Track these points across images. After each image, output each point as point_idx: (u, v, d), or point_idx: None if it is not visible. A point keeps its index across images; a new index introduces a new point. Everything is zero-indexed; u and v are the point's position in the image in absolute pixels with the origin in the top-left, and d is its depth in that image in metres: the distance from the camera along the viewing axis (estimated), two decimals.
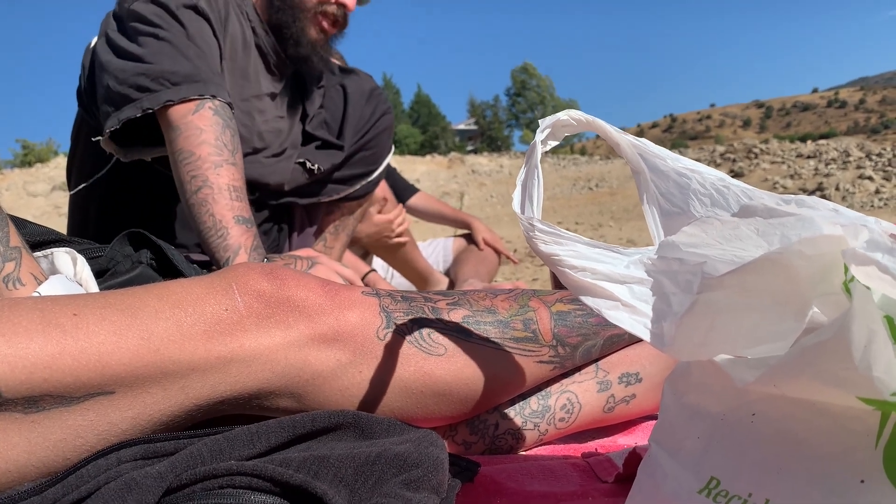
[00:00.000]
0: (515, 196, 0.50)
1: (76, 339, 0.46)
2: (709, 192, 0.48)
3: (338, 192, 1.57)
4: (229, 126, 1.12)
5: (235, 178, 1.09)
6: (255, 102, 1.34)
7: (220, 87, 1.13)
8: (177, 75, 1.09)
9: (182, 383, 0.50)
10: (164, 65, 1.10)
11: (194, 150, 1.07)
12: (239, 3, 1.31)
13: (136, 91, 1.09)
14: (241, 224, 1.06)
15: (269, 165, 1.39)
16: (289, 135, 1.45)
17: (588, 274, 0.43)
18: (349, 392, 0.57)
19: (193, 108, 1.09)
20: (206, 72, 1.13)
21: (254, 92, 1.34)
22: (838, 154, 8.78)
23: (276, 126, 1.42)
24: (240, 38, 1.30)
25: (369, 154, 1.58)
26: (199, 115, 1.09)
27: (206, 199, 1.05)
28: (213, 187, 1.06)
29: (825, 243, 0.34)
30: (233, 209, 1.06)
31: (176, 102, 1.08)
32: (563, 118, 0.53)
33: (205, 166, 1.06)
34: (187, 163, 1.07)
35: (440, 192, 11.99)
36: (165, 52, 1.11)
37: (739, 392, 0.38)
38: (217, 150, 1.08)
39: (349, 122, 1.53)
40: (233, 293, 0.54)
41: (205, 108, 1.09)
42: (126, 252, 0.76)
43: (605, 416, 0.70)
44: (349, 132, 1.53)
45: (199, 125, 1.08)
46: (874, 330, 0.30)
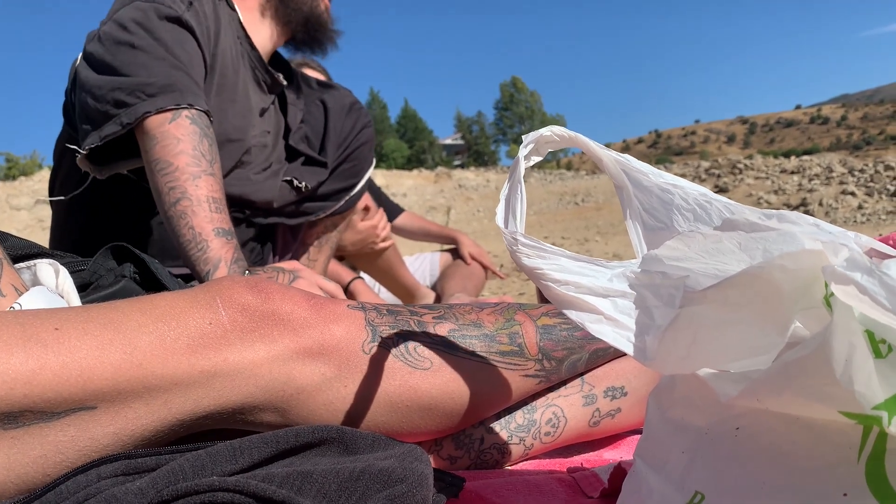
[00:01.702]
0: (499, 211, 0.50)
1: (57, 354, 0.46)
2: (691, 207, 0.48)
3: (324, 209, 1.57)
4: (207, 135, 1.10)
5: (214, 188, 1.08)
6: (244, 118, 1.35)
7: (198, 97, 1.12)
8: (153, 86, 1.08)
9: (165, 398, 0.49)
10: (140, 76, 1.09)
11: (172, 160, 1.05)
12: (231, 19, 1.32)
13: (113, 107, 1.08)
14: (222, 236, 1.05)
15: (258, 182, 1.39)
16: (274, 150, 1.46)
17: (571, 287, 0.43)
18: (334, 406, 0.56)
19: (170, 118, 1.07)
20: (183, 81, 1.11)
21: (244, 107, 1.34)
22: (821, 170, 8.87)
23: (263, 141, 1.42)
24: (230, 52, 1.30)
25: (350, 167, 1.59)
26: (175, 125, 1.07)
27: (185, 211, 1.04)
28: (191, 199, 1.04)
29: (806, 258, 0.34)
30: (212, 221, 1.05)
31: (153, 113, 1.07)
32: (547, 134, 0.53)
33: (183, 177, 1.05)
34: (165, 173, 1.05)
35: (427, 206, 12.00)
36: (141, 62, 1.10)
37: (723, 406, 0.38)
38: (195, 160, 1.06)
39: (331, 136, 1.54)
40: (217, 307, 0.53)
41: (181, 118, 1.08)
42: (109, 266, 0.75)
43: (591, 430, 0.70)
44: (331, 146, 1.54)
45: (177, 134, 1.07)
46: (854, 344, 0.30)
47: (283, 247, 1.60)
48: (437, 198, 13.73)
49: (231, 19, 1.33)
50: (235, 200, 1.36)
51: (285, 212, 1.51)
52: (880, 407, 0.31)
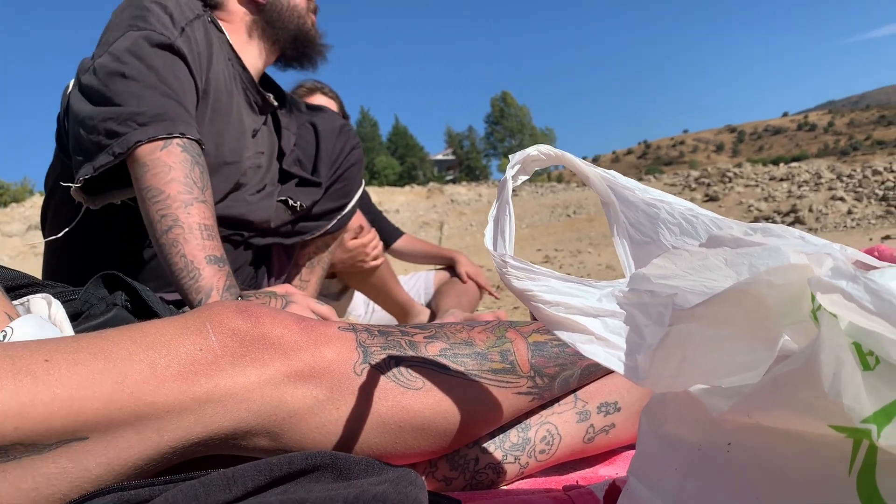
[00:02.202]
0: (487, 232, 0.50)
1: (48, 386, 0.45)
2: (677, 221, 0.48)
3: (319, 229, 1.58)
4: (198, 163, 1.10)
5: (206, 216, 1.07)
6: (240, 140, 1.35)
7: (189, 125, 1.12)
8: (144, 115, 1.08)
9: (157, 426, 0.49)
10: (131, 106, 1.09)
11: (163, 188, 1.05)
12: (220, 42, 1.33)
13: (105, 137, 1.08)
14: (214, 264, 1.05)
15: (254, 203, 1.39)
16: (267, 171, 1.46)
17: (561, 308, 0.43)
18: (326, 429, 0.56)
19: (161, 146, 1.07)
20: (176, 109, 1.12)
21: (239, 130, 1.35)
22: (810, 176, 8.92)
23: (257, 162, 1.42)
24: (223, 76, 1.30)
25: (341, 187, 1.60)
26: (167, 153, 1.07)
27: (177, 239, 1.03)
28: (183, 227, 1.04)
29: (792, 272, 0.34)
30: (204, 249, 1.05)
31: (145, 142, 1.07)
32: (533, 154, 0.53)
33: (174, 205, 1.05)
34: (156, 201, 1.05)
35: (420, 222, 12.02)
36: (133, 92, 1.10)
37: (715, 422, 0.38)
38: (187, 187, 1.06)
39: (322, 157, 1.55)
40: (207, 332, 0.53)
41: (172, 146, 1.08)
42: (101, 294, 0.75)
43: (586, 446, 0.70)
44: (323, 167, 1.55)
45: (168, 162, 1.07)
46: (842, 358, 0.31)
47: (278, 268, 1.60)
48: (429, 213, 13.75)
49: (221, 42, 1.34)
50: (234, 222, 1.36)
51: (281, 232, 1.52)
52: (869, 420, 0.31)
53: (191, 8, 1.24)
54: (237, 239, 1.40)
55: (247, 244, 1.44)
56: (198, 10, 1.26)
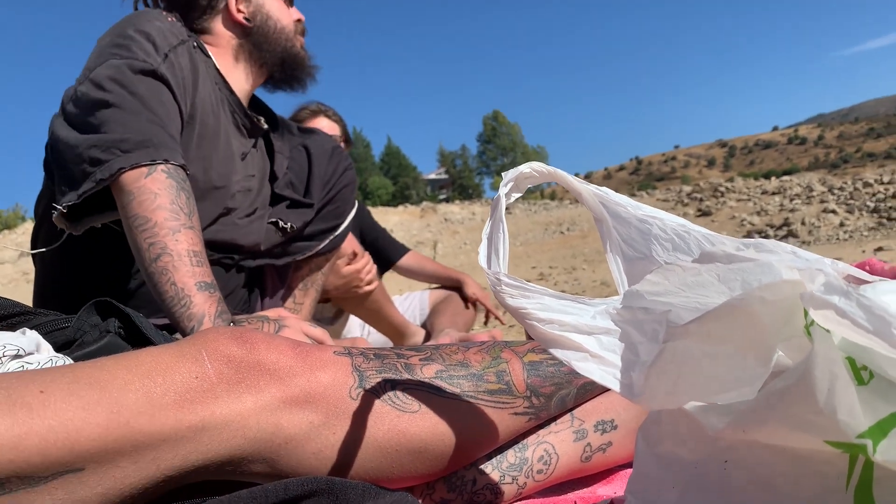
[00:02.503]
0: (482, 250, 0.50)
1: (43, 418, 0.45)
2: (670, 237, 0.49)
3: (310, 248, 1.58)
4: (184, 189, 1.10)
5: (194, 242, 1.07)
6: (228, 164, 1.35)
7: (174, 151, 1.12)
8: (128, 142, 1.08)
9: (153, 455, 0.49)
10: (115, 133, 1.08)
11: (150, 215, 1.05)
12: (207, 64, 1.33)
13: (89, 165, 1.07)
14: (204, 290, 1.04)
15: (243, 227, 1.39)
16: (258, 195, 1.46)
17: (556, 326, 0.43)
18: (323, 454, 0.56)
19: (146, 173, 1.07)
20: (160, 136, 1.11)
21: (226, 154, 1.35)
22: (802, 189, 8.97)
23: (247, 186, 1.42)
24: (209, 101, 1.30)
25: (334, 208, 1.60)
26: (151, 179, 1.07)
27: (167, 267, 1.03)
28: (172, 254, 1.03)
29: (785, 288, 0.34)
30: (194, 275, 1.04)
31: (128, 169, 1.06)
32: (526, 171, 0.54)
33: (162, 232, 1.04)
34: (143, 229, 1.05)
35: (414, 241, 12.02)
36: (117, 119, 1.10)
37: (711, 439, 0.38)
38: (173, 214, 1.06)
39: (315, 179, 1.55)
40: (202, 360, 0.53)
41: (157, 172, 1.07)
42: (93, 321, 0.75)
43: (583, 465, 0.70)
44: (316, 189, 1.55)
45: (153, 189, 1.06)
46: (836, 373, 0.31)
47: (272, 289, 1.59)
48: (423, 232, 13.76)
49: (207, 66, 1.34)
50: (224, 246, 1.36)
51: (273, 253, 1.51)
52: (865, 435, 0.31)
53: (174, 34, 1.24)
54: (228, 262, 1.39)
55: (238, 267, 1.43)
56: (182, 36, 1.26)
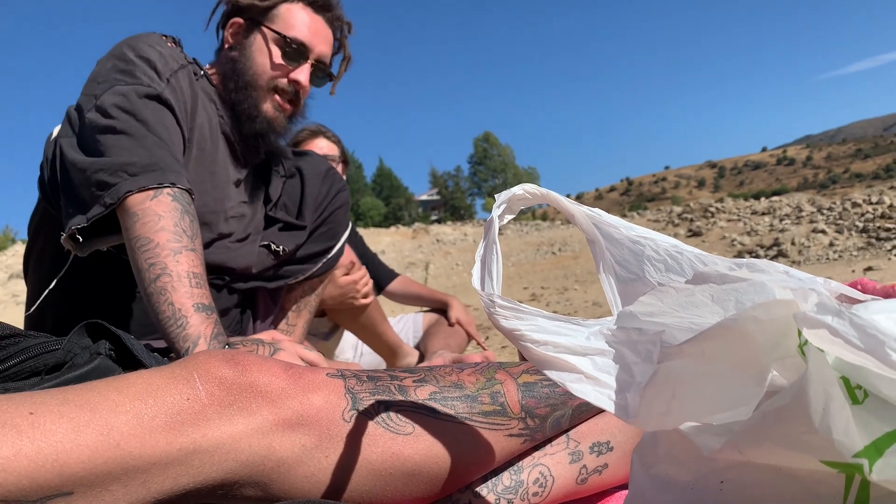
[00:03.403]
0: (475, 272, 0.50)
1: (32, 440, 0.44)
2: (662, 258, 0.49)
3: (303, 272, 1.57)
4: (188, 212, 1.11)
5: (195, 264, 1.07)
6: (222, 189, 1.35)
7: (180, 175, 1.13)
8: (135, 166, 1.09)
9: (143, 478, 0.48)
10: (122, 157, 1.09)
11: (152, 236, 1.05)
12: (207, 92, 1.34)
13: (97, 189, 1.08)
14: (201, 312, 1.04)
15: (235, 250, 1.39)
16: (252, 220, 1.46)
17: (550, 348, 0.43)
18: (316, 478, 0.55)
19: (152, 195, 1.08)
20: (166, 160, 1.12)
21: (222, 180, 1.35)
22: (791, 210, 9.03)
23: (240, 212, 1.42)
24: (207, 126, 1.31)
25: (327, 230, 1.60)
26: (157, 202, 1.08)
27: (165, 287, 1.03)
28: (171, 275, 1.03)
29: (778, 308, 0.34)
30: (192, 296, 1.04)
31: (135, 192, 1.07)
32: (519, 193, 0.54)
33: (163, 253, 1.04)
34: (145, 250, 1.05)
35: (406, 262, 12.01)
36: (124, 144, 1.11)
37: (707, 460, 0.38)
38: (176, 236, 1.06)
39: (307, 201, 1.55)
40: (194, 382, 0.53)
41: (163, 195, 1.08)
42: (84, 343, 0.74)
43: (579, 487, 0.69)
44: (308, 211, 1.55)
45: (158, 211, 1.07)
46: (830, 392, 0.31)
47: (264, 312, 1.59)
48: (415, 253, 13.76)
49: (208, 93, 1.35)
50: (215, 268, 1.36)
51: (265, 276, 1.51)
52: (860, 454, 0.31)
53: (174, 59, 1.25)
54: (218, 283, 1.39)
55: (230, 288, 1.43)
56: (181, 61, 1.27)
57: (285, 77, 1.39)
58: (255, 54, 1.38)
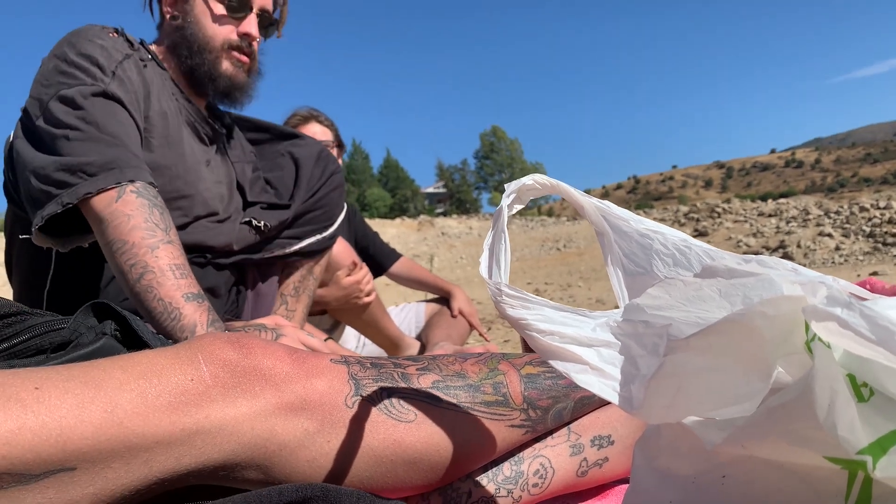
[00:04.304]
0: (483, 260, 0.50)
1: (37, 414, 0.45)
2: (671, 252, 0.49)
3: (291, 245, 1.56)
4: (156, 205, 1.10)
5: (175, 255, 1.07)
6: (195, 171, 1.35)
7: (139, 169, 1.12)
8: (92, 166, 1.08)
9: (146, 457, 0.48)
10: (79, 156, 1.08)
11: (126, 237, 1.05)
12: (159, 76, 1.33)
13: (55, 187, 1.08)
14: (192, 301, 1.04)
15: (213, 228, 1.39)
16: (230, 201, 1.46)
17: (556, 338, 0.43)
18: (317, 462, 0.55)
19: (115, 196, 1.07)
20: (123, 156, 1.11)
21: (192, 161, 1.34)
22: (798, 212, 9.00)
23: (219, 192, 1.42)
24: (167, 110, 1.30)
25: (322, 213, 1.59)
26: (122, 202, 1.07)
27: (151, 284, 1.03)
28: (154, 271, 1.03)
29: (786, 303, 0.34)
30: (180, 288, 1.04)
31: (94, 194, 1.06)
32: (529, 182, 0.54)
33: (141, 252, 1.04)
34: (122, 252, 1.05)
35: (410, 254, 12.02)
36: (78, 148, 1.10)
37: (709, 454, 0.38)
38: (150, 232, 1.06)
39: (300, 184, 1.55)
40: (198, 363, 0.53)
41: (127, 193, 1.08)
42: (90, 323, 0.74)
43: (579, 480, 0.70)
44: (300, 193, 1.55)
45: (126, 211, 1.06)
46: (836, 389, 0.31)
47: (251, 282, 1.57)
48: (420, 246, 13.77)
49: (163, 77, 1.34)
50: (194, 247, 1.35)
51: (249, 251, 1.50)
52: (864, 451, 0.31)
53: (118, 50, 1.23)
54: (201, 261, 1.39)
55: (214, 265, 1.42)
56: (125, 51, 1.25)
57: (235, 32, 1.40)
58: (199, 17, 1.37)
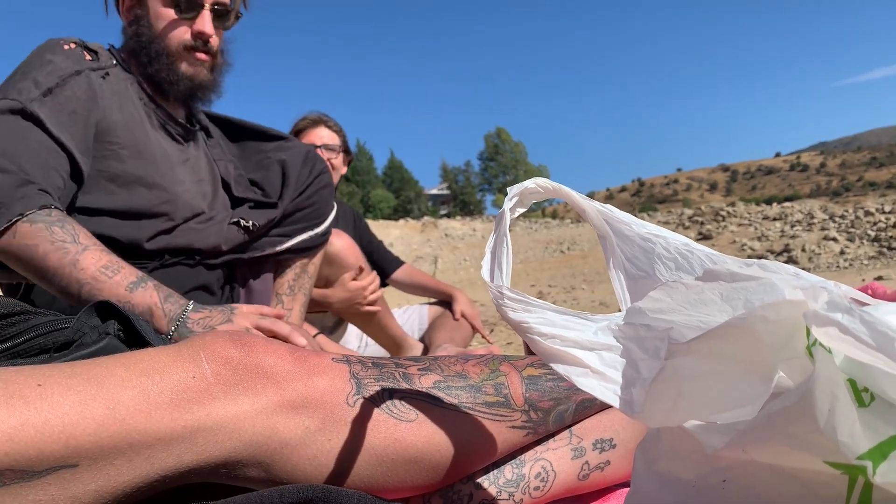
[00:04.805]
0: (485, 264, 0.50)
1: (40, 411, 0.45)
2: (673, 256, 0.49)
3: (281, 243, 1.56)
4: (53, 223, 1.08)
5: (96, 258, 1.07)
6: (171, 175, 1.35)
7: (26, 198, 1.08)
8: None
9: (147, 454, 0.49)
10: None
11: (43, 265, 1.05)
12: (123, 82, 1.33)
13: None
14: (137, 289, 1.06)
15: (201, 230, 1.39)
16: (215, 197, 1.46)
17: (557, 341, 0.43)
18: (318, 461, 0.56)
19: (12, 234, 1.06)
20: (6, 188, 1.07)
21: (166, 166, 1.34)
22: (803, 216, 8.99)
23: (200, 190, 1.42)
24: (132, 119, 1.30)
25: (311, 211, 1.59)
26: (20, 235, 1.05)
27: (93, 293, 1.04)
28: (89, 282, 1.04)
29: (787, 308, 0.34)
30: (118, 285, 1.05)
31: None
32: (531, 186, 0.54)
33: (66, 271, 1.04)
34: (50, 279, 1.05)
35: (414, 255, 12.03)
36: None
37: (710, 458, 0.38)
38: (62, 251, 1.05)
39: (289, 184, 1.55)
40: (200, 360, 0.53)
41: (19, 226, 1.06)
42: (93, 323, 0.75)
43: (580, 483, 0.70)
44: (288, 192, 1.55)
45: (28, 243, 1.05)
46: (837, 395, 0.31)
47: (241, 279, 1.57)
48: (423, 247, 13.77)
49: (129, 82, 1.34)
50: (182, 250, 1.36)
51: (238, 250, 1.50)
52: (864, 457, 0.31)
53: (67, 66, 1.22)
54: (189, 262, 1.39)
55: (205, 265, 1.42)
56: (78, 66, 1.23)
57: (189, 33, 1.38)
58: (153, 22, 1.37)
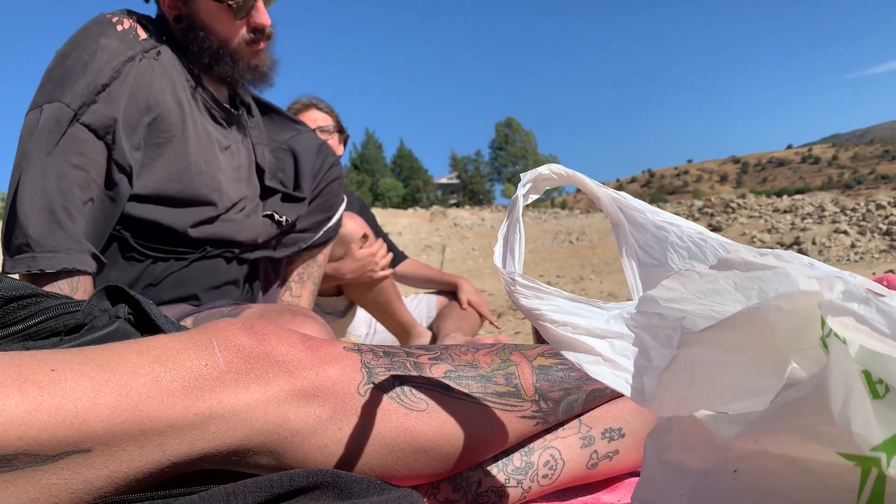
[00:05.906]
0: (497, 250, 0.50)
1: (53, 396, 0.45)
2: (686, 244, 0.48)
3: (304, 241, 1.59)
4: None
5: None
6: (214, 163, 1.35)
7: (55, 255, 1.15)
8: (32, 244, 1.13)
9: (159, 440, 0.49)
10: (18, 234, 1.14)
11: None
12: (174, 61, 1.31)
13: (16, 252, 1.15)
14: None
15: (241, 221, 1.40)
16: (249, 186, 1.47)
17: (569, 328, 0.43)
18: (329, 449, 0.56)
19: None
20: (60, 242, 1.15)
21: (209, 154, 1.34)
22: (814, 209, 8.93)
23: (238, 177, 1.43)
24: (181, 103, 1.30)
25: (323, 202, 1.61)
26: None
27: None
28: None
29: (802, 299, 0.34)
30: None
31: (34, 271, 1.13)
32: (545, 172, 0.53)
33: None
34: None
35: (422, 244, 12.03)
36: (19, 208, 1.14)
37: (721, 448, 0.38)
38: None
39: (304, 175, 1.57)
40: (213, 348, 0.53)
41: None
42: (104, 307, 0.75)
43: (589, 472, 0.70)
44: (305, 183, 1.57)
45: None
46: (851, 386, 0.30)
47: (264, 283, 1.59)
48: (432, 236, 13.77)
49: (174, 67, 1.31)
50: (223, 242, 1.37)
51: (269, 245, 1.52)
52: (879, 448, 0.31)
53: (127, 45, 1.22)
54: (228, 255, 1.40)
55: (239, 259, 1.43)
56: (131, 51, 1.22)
57: (246, 28, 1.36)
58: (208, 23, 1.33)
